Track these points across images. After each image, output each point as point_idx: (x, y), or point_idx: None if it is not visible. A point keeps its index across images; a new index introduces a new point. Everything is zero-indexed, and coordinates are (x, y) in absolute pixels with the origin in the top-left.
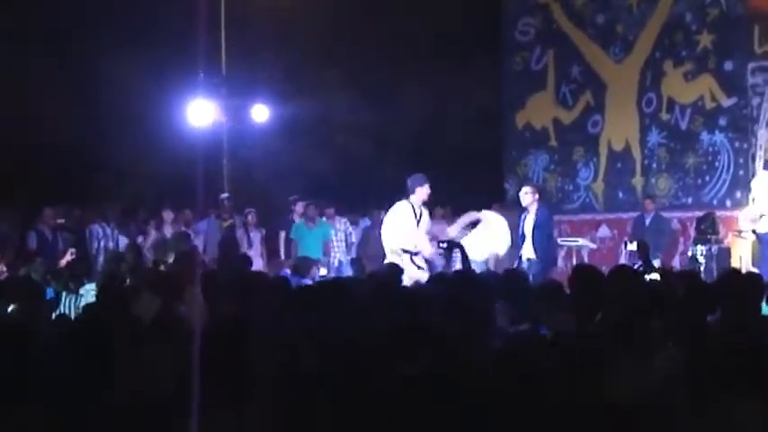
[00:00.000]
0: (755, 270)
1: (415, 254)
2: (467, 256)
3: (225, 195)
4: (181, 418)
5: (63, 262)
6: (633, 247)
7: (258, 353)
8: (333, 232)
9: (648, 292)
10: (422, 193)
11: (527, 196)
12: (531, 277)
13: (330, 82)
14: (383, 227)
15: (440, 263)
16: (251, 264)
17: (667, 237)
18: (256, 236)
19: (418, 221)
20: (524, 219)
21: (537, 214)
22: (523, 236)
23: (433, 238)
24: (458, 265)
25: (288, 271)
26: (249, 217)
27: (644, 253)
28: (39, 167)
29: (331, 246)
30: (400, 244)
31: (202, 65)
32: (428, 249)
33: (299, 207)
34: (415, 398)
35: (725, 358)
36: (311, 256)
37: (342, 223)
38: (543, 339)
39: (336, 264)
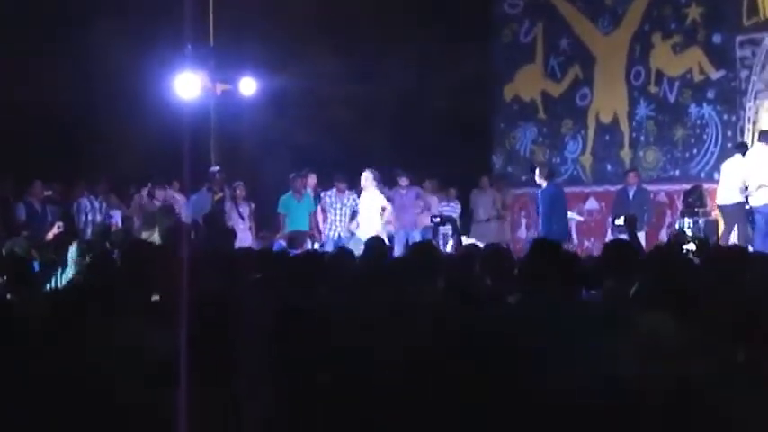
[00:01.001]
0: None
1: None
2: (458, 230)
3: (216, 168)
4: (169, 394)
5: (50, 235)
6: (621, 221)
7: (244, 328)
8: (338, 206)
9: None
10: None
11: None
12: None
13: (318, 54)
14: None
15: None
16: (235, 237)
17: (650, 210)
18: (245, 210)
19: None
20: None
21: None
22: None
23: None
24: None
25: (282, 243)
26: (238, 191)
27: (631, 227)
28: (24, 141)
29: (328, 218)
30: None
31: (190, 37)
32: None
33: (312, 180)
34: (402, 370)
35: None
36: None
37: (350, 198)
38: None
39: (336, 238)
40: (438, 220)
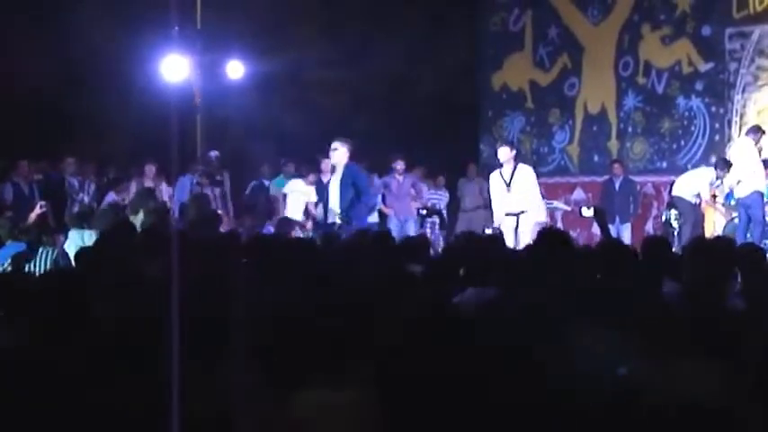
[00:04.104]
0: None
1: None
2: (445, 222)
3: (215, 153)
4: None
5: (32, 215)
6: (589, 213)
7: (231, 309)
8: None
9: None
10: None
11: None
12: None
13: (306, 39)
14: None
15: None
16: (221, 222)
17: (637, 201)
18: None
19: (508, 185)
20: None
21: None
22: None
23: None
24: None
25: (272, 229)
26: (202, 177)
27: (601, 219)
28: (9, 121)
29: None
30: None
31: (177, 19)
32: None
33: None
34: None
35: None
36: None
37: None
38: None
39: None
40: (425, 212)
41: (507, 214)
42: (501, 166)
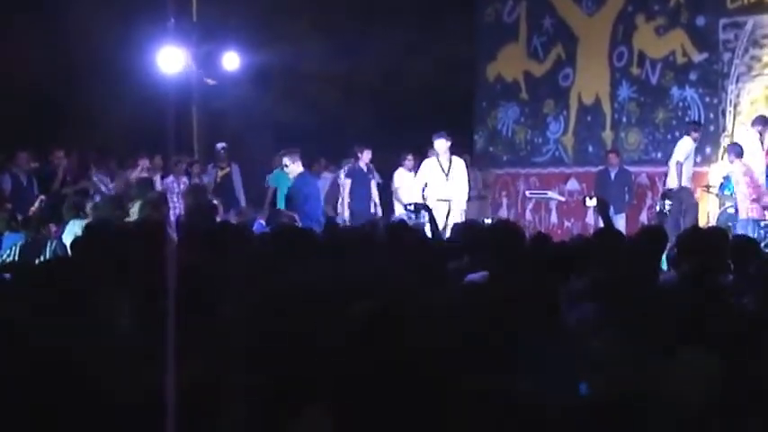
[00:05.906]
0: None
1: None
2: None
3: (222, 145)
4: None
5: (32, 209)
6: (592, 203)
7: (227, 300)
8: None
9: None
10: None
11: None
12: None
13: (302, 30)
14: None
15: None
16: (217, 213)
17: (632, 191)
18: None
19: (447, 173)
20: None
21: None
22: None
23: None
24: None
25: (262, 222)
26: (193, 167)
27: (603, 210)
28: (8, 115)
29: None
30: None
31: (173, 11)
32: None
33: (367, 155)
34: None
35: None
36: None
37: (373, 175)
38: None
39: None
40: (412, 208)
41: (440, 200)
42: (436, 155)
